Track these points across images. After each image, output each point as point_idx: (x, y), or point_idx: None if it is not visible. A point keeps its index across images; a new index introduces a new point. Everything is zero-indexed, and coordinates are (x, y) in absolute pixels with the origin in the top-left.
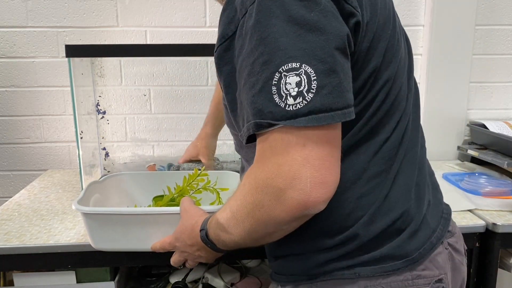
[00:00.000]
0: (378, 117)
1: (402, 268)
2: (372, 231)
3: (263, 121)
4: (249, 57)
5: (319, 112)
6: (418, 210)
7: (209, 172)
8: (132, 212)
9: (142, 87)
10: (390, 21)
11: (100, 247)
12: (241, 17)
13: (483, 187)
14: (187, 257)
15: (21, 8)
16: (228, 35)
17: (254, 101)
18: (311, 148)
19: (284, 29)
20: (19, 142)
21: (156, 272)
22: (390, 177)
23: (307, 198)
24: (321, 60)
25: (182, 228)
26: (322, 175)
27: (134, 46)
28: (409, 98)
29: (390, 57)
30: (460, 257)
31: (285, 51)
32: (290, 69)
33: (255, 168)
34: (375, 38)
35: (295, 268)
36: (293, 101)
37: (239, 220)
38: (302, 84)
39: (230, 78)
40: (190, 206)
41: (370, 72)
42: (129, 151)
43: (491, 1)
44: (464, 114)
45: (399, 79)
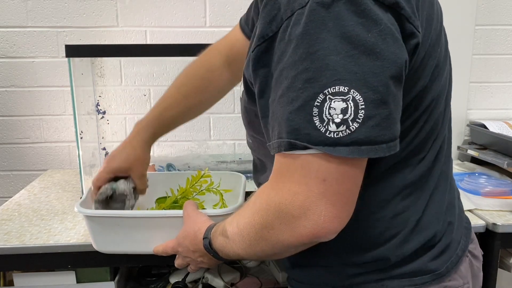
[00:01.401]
0: (420, 138)
1: (429, 282)
2: (404, 252)
3: (299, 142)
4: (291, 68)
5: (362, 144)
6: (449, 228)
7: (212, 172)
8: (135, 215)
9: (142, 87)
10: (441, 37)
11: (102, 250)
12: (286, 18)
13: (483, 187)
14: (189, 262)
15: (21, 8)
16: (268, 36)
17: (291, 119)
18: (330, 184)
19: (335, 47)
20: (19, 142)
21: (156, 272)
22: (424, 196)
23: (319, 230)
24: (372, 88)
25: (184, 234)
26: (337, 210)
27: (134, 46)
28: (446, 113)
29: (436, 75)
30: (478, 263)
31: (334, 72)
32: (337, 92)
33: (269, 189)
34: (426, 56)
35: (318, 278)
36: (336, 129)
37: (245, 237)
38: (348, 112)
39: (265, 83)
40: (193, 211)
41: (418, 91)
42: None
43: (491, 1)
44: (464, 114)
45: (441, 97)
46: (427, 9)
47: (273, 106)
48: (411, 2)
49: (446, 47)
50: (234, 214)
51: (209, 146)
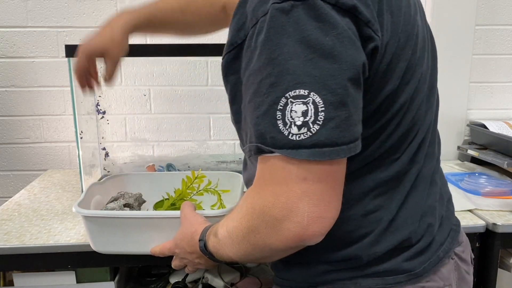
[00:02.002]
0: (392, 141)
1: (404, 281)
2: (377, 252)
3: (265, 147)
4: (256, 74)
5: (324, 146)
6: (429, 229)
7: (210, 173)
8: (132, 215)
9: (142, 87)
10: (412, 38)
11: (100, 250)
12: (251, 26)
13: (483, 187)
14: (187, 263)
15: (21, 8)
16: (237, 43)
17: (258, 123)
18: (311, 183)
19: (295, 51)
20: (19, 142)
21: (156, 272)
22: (399, 197)
23: (303, 231)
24: (331, 91)
25: (181, 236)
26: (320, 210)
27: (134, 46)
28: (428, 114)
29: (409, 78)
30: (467, 266)
31: (294, 76)
32: (298, 96)
33: (253, 192)
34: (394, 59)
35: (296, 274)
36: (297, 131)
37: (234, 241)
38: (308, 115)
39: (236, 89)
40: (190, 212)
41: (386, 95)
42: (129, 151)
43: (491, 1)
44: (464, 114)
45: (417, 99)
46: (393, 13)
47: (244, 112)
48: (370, 7)
49: (423, 47)
50: (226, 217)
51: (209, 146)
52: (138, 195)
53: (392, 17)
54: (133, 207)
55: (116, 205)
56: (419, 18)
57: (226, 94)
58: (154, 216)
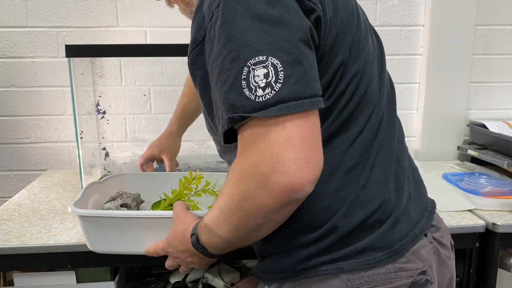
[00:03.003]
0: (349, 110)
1: (384, 260)
2: (352, 222)
3: (235, 115)
4: (218, 56)
5: (288, 101)
6: (398, 202)
7: (209, 173)
8: (127, 215)
9: (142, 87)
10: (354, 17)
11: (96, 249)
12: (209, 20)
13: (483, 187)
14: (180, 262)
15: (21, 8)
16: (199, 40)
17: (226, 97)
18: (291, 129)
19: (249, 26)
20: (19, 142)
21: (156, 272)
22: (366, 169)
23: (292, 180)
24: (286, 52)
25: (174, 234)
26: (305, 155)
27: (134, 46)
28: (382, 92)
29: (357, 51)
30: (447, 251)
31: (252, 46)
32: (257, 62)
33: (239, 159)
34: (340, 34)
35: (280, 265)
36: (262, 92)
37: (227, 215)
38: (269, 75)
39: (204, 81)
40: (181, 211)
41: (337, 66)
42: (129, 151)
43: (491, 1)
44: (464, 114)
45: (368, 73)
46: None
47: (214, 98)
48: None
49: (366, 28)
50: (215, 201)
51: (209, 146)
52: (137, 195)
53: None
54: (131, 207)
55: (113, 205)
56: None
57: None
58: (149, 216)
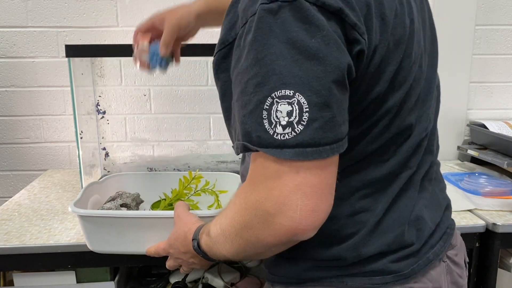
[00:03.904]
0: (379, 143)
1: (391, 282)
2: (362, 254)
3: (251, 146)
4: (244, 74)
5: (307, 146)
6: (418, 235)
7: (209, 173)
8: (127, 215)
9: (142, 87)
10: (404, 41)
11: (96, 249)
12: (241, 26)
13: (483, 187)
14: (181, 263)
15: (21, 8)
16: (228, 41)
17: (244, 122)
18: (304, 176)
19: (282, 52)
20: (19, 142)
21: (156, 272)
22: (386, 199)
23: (296, 225)
24: (316, 92)
25: (175, 235)
26: (313, 203)
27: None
28: (422, 119)
29: (400, 80)
30: (459, 270)
31: (280, 76)
32: (283, 96)
33: (247, 187)
34: (383, 62)
35: (285, 270)
36: (282, 131)
37: (228, 238)
38: (293, 115)
39: (226, 86)
40: (183, 212)
41: (373, 98)
42: (129, 151)
43: (491, 1)
44: (464, 114)
45: (408, 103)
46: (383, 16)
47: (233, 110)
48: (357, 11)
49: (420, 50)
50: (219, 215)
51: (209, 146)
52: (136, 195)
53: (383, 20)
54: (131, 207)
55: (113, 205)
56: (417, 18)
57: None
58: (149, 216)
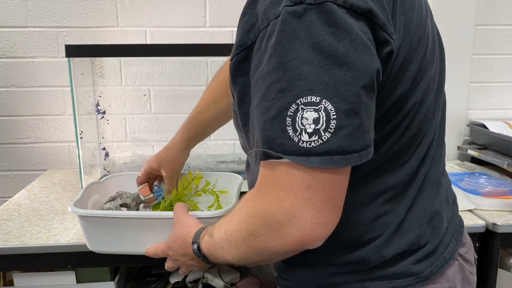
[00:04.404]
0: (401, 144)
1: (411, 285)
2: (385, 255)
3: (273, 153)
4: (265, 78)
5: (335, 154)
6: (435, 232)
7: (209, 173)
8: (127, 215)
9: (142, 87)
10: (424, 40)
11: (96, 249)
12: (262, 28)
13: (483, 187)
14: (180, 265)
15: (21, 8)
16: (247, 44)
17: (266, 128)
18: (316, 190)
19: (307, 57)
20: (19, 142)
21: (156, 272)
22: (407, 200)
23: (305, 236)
24: (344, 98)
25: (174, 238)
26: (323, 216)
27: (134, 46)
28: (435, 116)
29: (419, 80)
30: (470, 267)
31: (306, 82)
32: (309, 102)
33: (255, 195)
34: (405, 62)
35: (302, 276)
36: (308, 138)
37: (233, 244)
38: (320, 122)
39: (244, 90)
40: (182, 214)
41: (396, 98)
42: (129, 151)
43: (491, 1)
44: (464, 114)
45: (426, 101)
46: (406, 14)
47: (252, 115)
48: (386, 9)
49: (433, 49)
50: (223, 219)
51: (209, 146)
52: (136, 195)
53: (405, 18)
54: (131, 207)
55: (112, 205)
56: (429, 19)
57: (233, 95)
58: (149, 217)
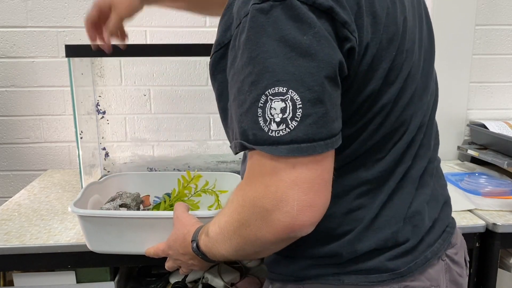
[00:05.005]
0: (374, 140)
1: (388, 280)
2: (358, 250)
3: (247, 144)
4: (239, 73)
5: (302, 142)
6: (415, 230)
7: (209, 173)
8: (127, 215)
9: (142, 87)
10: (397, 39)
11: (96, 249)
12: (236, 27)
13: (483, 187)
14: (180, 264)
15: (21, 8)
16: (224, 43)
17: (241, 120)
18: (300, 171)
19: (274, 50)
20: (19, 142)
21: (156, 272)
22: (382, 196)
23: (293, 221)
24: (309, 88)
25: (174, 237)
26: (310, 198)
27: (134, 46)
28: (417, 116)
29: (393, 78)
30: (459, 269)
31: (273, 74)
32: (277, 93)
33: (244, 185)
34: (375, 60)
35: (284, 268)
36: (276, 127)
37: (226, 236)
38: (287, 111)
39: (223, 86)
40: (182, 213)
41: (366, 96)
42: (129, 151)
43: (491, 1)
44: (464, 114)
45: (402, 99)
46: (374, 14)
47: (230, 110)
48: (347, 9)
49: (414, 47)
50: (218, 214)
51: (209, 146)
52: (136, 195)
53: (374, 18)
54: (130, 207)
55: (112, 205)
56: (411, 15)
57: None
58: (148, 216)
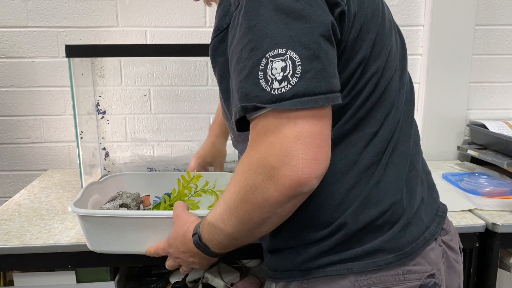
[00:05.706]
0: (366, 109)
1: (394, 262)
2: (361, 220)
3: (249, 104)
4: (238, 44)
5: (303, 96)
6: (410, 204)
7: (208, 173)
8: (127, 215)
9: (142, 87)
10: (379, 14)
11: (96, 249)
12: (235, 9)
13: (483, 187)
14: (180, 263)
15: (21, 8)
16: (223, 27)
17: (242, 86)
18: (302, 126)
19: (271, 18)
20: (19, 142)
21: (156, 272)
22: (380, 169)
23: (299, 174)
24: (305, 46)
25: (174, 235)
26: (313, 152)
27: (134, 46)
28: (401, 93)
29: (379, 49)
30: (455, 255)
31: (272, 38)
32: (276, 54)
33: (249, 151)
34: (363, 30)
35: (288, 263)
36: (278, 85)
37: (233, 208)
38: (287, 69)
39: (224, 68)
40: (182, 212)
41: (358, 62)
42: (129, 151)
43: (491, 1)
44: (464, 114)
45: (388, 72)
46: None
47: (231, 85)
48: None
49: (393, 23)
50: (219, 199)
51: None
52: (136, 195)
53: None
54: (131, 207)
55: (112, 205)
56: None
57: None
58: (148, 216)
